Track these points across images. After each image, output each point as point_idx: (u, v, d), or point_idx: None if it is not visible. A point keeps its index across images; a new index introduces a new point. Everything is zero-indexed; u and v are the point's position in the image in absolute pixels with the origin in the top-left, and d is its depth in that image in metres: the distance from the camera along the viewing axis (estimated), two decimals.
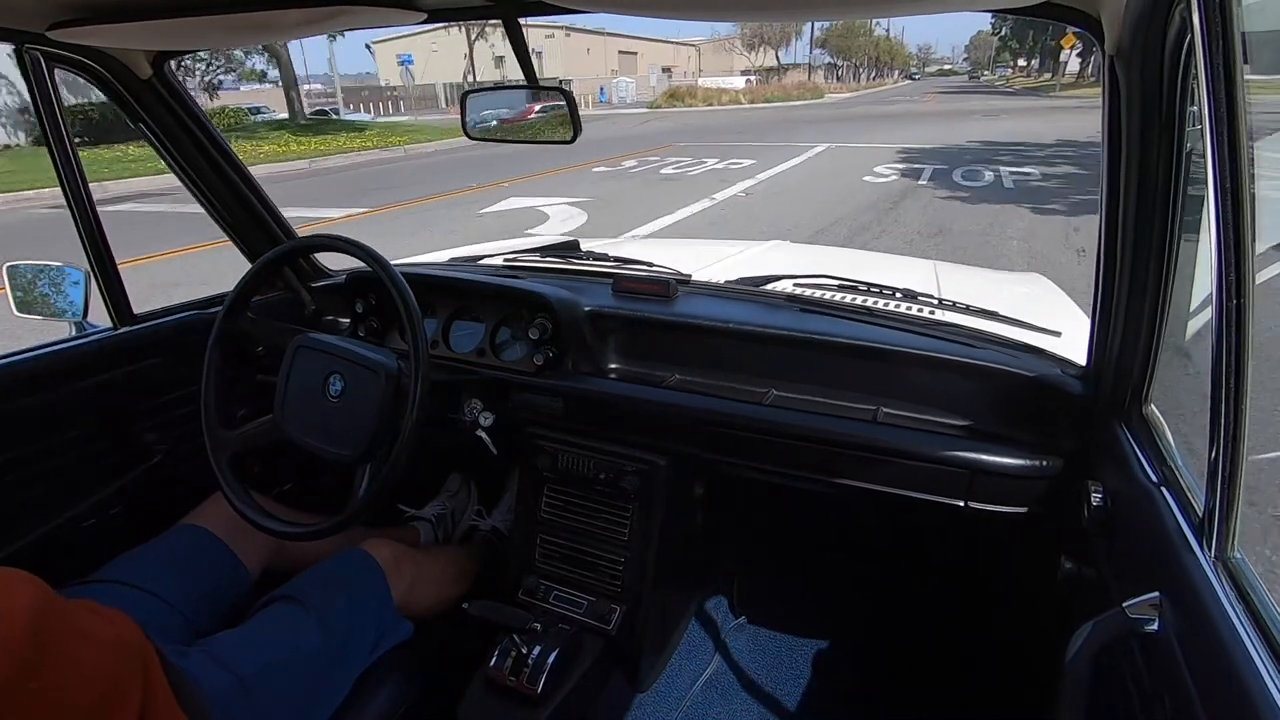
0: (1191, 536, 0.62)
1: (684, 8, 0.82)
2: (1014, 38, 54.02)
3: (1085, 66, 38.57)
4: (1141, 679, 0.63)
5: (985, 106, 25.03)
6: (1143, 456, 0.78)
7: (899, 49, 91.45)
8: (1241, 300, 0.52)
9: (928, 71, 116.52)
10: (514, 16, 0.94)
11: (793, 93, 36.67)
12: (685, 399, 1.21)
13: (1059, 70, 48.22)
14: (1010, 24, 51.00)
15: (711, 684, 1.42)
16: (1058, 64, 48.81)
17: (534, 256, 1.63)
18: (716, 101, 32.87)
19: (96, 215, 1.21)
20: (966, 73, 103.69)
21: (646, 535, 1.25)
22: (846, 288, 1.40)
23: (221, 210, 1.42)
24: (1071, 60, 35.59)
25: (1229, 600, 0.54)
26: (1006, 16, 47.67)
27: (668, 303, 1.33)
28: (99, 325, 1.29)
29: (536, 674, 1.08)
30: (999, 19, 51.14)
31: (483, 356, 1.34)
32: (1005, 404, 1.07)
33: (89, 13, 0.92)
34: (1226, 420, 0.54)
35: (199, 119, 1.32)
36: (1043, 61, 58.58)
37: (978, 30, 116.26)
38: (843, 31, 62.31)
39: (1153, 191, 0.77)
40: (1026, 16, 0.80)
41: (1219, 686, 0.50)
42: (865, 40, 66.90)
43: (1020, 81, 57.62)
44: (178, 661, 0.80)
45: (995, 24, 58.13)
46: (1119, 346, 0.87)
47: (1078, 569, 0.89)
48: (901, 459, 1.06)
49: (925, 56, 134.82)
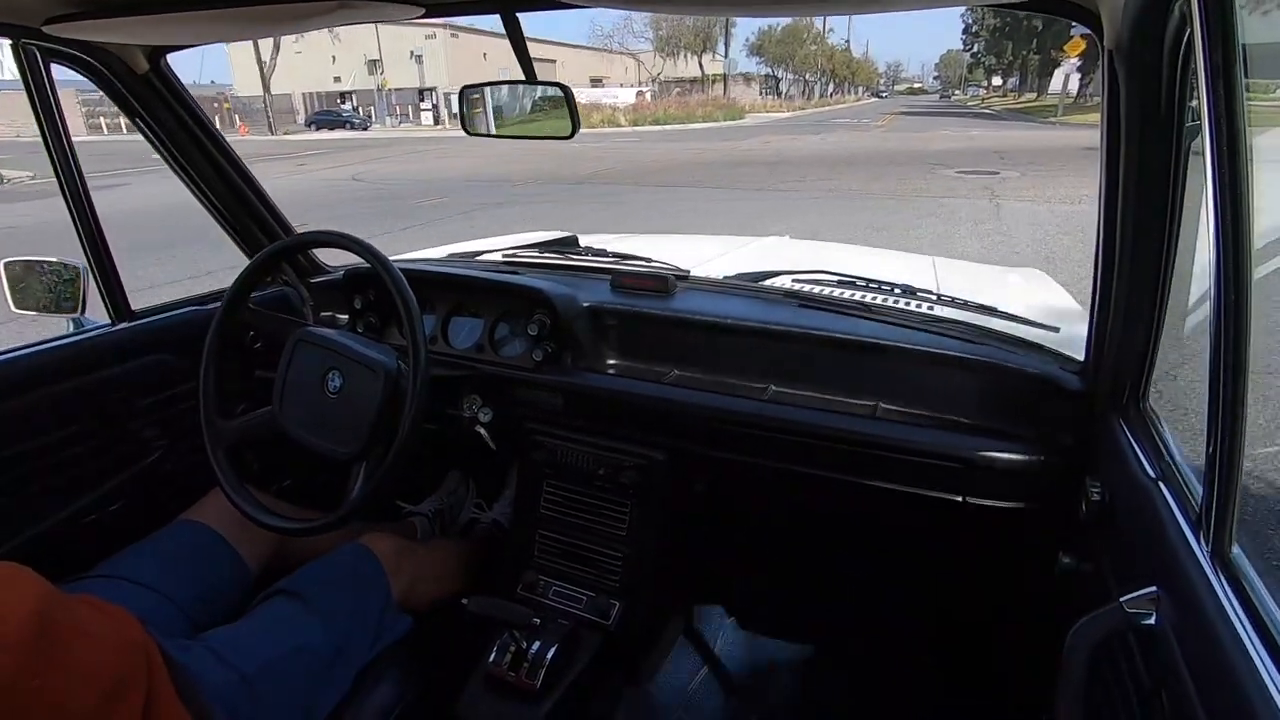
0: (1189, 531, 0.62)
1: (681, 2, 0.82)
2: (989, 54, 46.86)
3: (1086, 84, 28.30)
4: (1139, 673, 0.63)
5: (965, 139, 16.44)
6: (1141, 451, 0.78)
7: (863, 65, 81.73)
8: (1240, 295, 0.52)
9: (896, 90, 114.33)
10: (513, 11, 0.94)
11: (697, 111, 29.35)
12: (684, 394, 1.21)
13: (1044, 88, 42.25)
14: (984, 40, 45.83)
15: (710, 680, 1.42)
16: (1042, 82, 42.75)
17: (532, 252, 1.63)
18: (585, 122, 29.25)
19: (94, 210, 1.21)
20: (937, 92, 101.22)
21: (645, 530, 1.26)
22: (845, 283, 1.40)
23: (219, 206, 1.41)
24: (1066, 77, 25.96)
25: (1226, 595, 0.54)
26: (979, 33, 45.62)
27: (666, 298, 1.33)
28: (97, 321, 1.29)
29: (535, 669, 1.08)
30: (971, 35, 47.06)
31: (482, 352, 1.34)
32: (1003, 399, 1.07)
33: (85, 7, 0.91)
34: (1224, 415, 0.54)
35: (196, 115, 1.31)
36: (1024, 79, 51.29)
37: (948, 49, 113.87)
38: (783, 37, 50.72)
39: (1151, 186, 0.77)
40: (1027, 11, 0.80)
41: (1216, 681, 0.50)
42: (816, 50, 54.74)
43: (998, 102, 49.87)
44: (179, 657, 0.80)
45: (967, 40, 51.45)
46: (1117, 342, 0.87)
47: (1075, 564, 0.89)
48: (900, 454, 1.06)
49: (894, 74, 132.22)
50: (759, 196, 8.83)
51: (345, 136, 27.41)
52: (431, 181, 11.27)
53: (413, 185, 10.93)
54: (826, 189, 9.22)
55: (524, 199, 9.25)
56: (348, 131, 30.23)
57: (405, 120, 35.52)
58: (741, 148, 16.12)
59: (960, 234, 6.27)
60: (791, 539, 1.66)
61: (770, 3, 0.70)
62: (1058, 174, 9.53)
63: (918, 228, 6.56)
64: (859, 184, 9.51)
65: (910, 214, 7.26)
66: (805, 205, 8.13)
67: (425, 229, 7.19)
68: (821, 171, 10.95)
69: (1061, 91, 27.02)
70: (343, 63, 36.92)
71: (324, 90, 37.90)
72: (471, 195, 9.57)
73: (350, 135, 28.20)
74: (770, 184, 9.85)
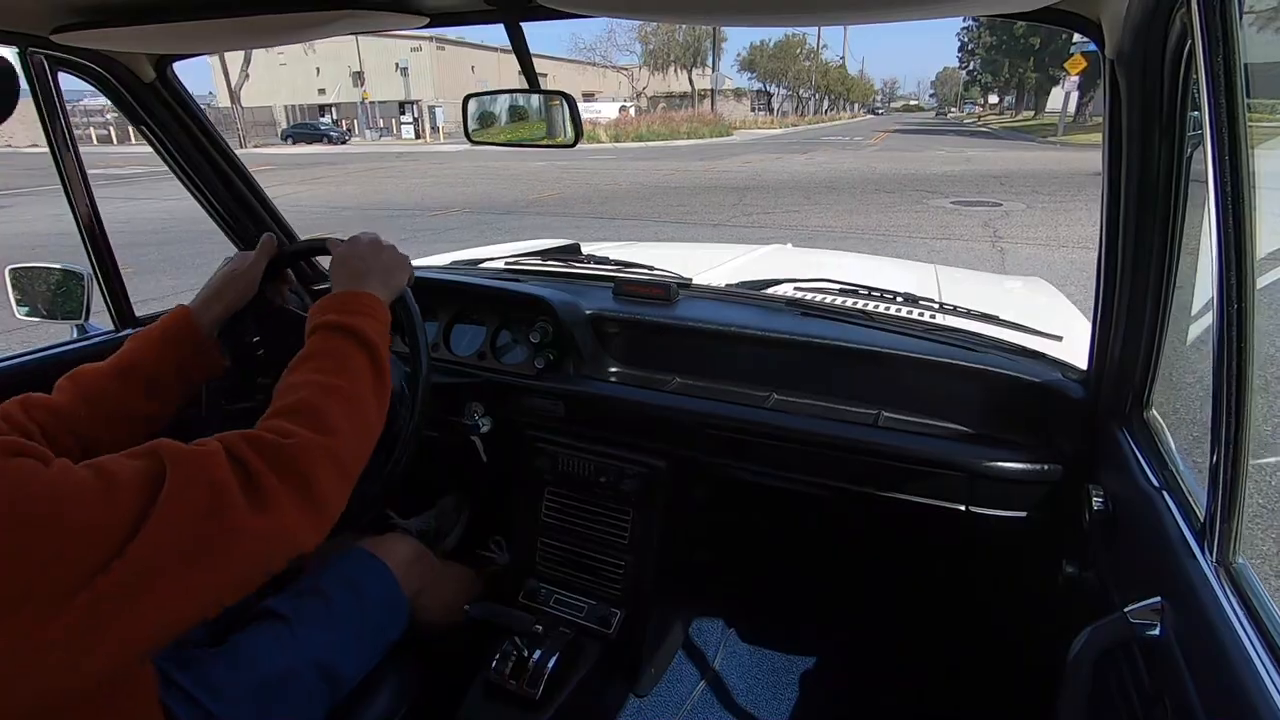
0: (1193, 541, 0.62)
1: (685, 11, 0.83)
2: (985, 72, 45.71)
3: (1085, 102, 26.39)
4: (1142, 684, 0.63)
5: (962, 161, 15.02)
6: (1144, 461, 0.78)
7: (858, 82, 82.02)
8: (1243, 304, 0.52)
9: (892, 107, 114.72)
10: (516, 21, 0.94)
11: (681, 128, 27.73)
12: (686, 402, 1.21)
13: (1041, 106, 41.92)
14: (980, 57, 45.10)
15: (711, 691, 1.41)
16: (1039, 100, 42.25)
17: (535, 259, 1.63)
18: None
19: (99, 217, 1.22)
20: (933, 109, 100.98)
21: (646, 539, 1.25)
22: (847, 292, 1.40)
23: (223, 212, 1.42)
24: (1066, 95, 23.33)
25: (1231, 605, 0.53)
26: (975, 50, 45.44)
27: (669, 306, 1.33)
28: (101, 327, 1.30)
29: (537, 678, 1.08)
30: (967, 53, 46.97)
31: (483, 359, 1.34)
32: (1006, 408, 1.07)
33: (93, 16, 0.92)
34: (1228, 425, 0.54)
35: (201, 122, 1.32)
36: (1020, 97, 50.53)
37: (944, 66, 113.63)
38: (775, 52, 49.99)
39: (1153, 195, 0.77)
40: (1028, 21, 0.81)
41: (1221, 692, 0.50)
42: (810, 66, 53.64)
43: (995, 120, 49.71)
44: (171, 672, 0.77)
45: (963, 58, 50.40)
46: (1120, 351, 0.87)
47: (1078, 573, 0.89)
48: (903, 463, 1.06)
49: (890, 92, 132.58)
50: (712, 232, 7.68)
51: (317, 151, 26.62)
52: (346, 208, 10.21)
53: (318, 214, 9.68)
54: (793, 226, 7.81)
55: (425, 232, 8.02)
56: (323, 146, 29.31)
57: (386, 134, 34.79)
58: (717, 168, 14.93)
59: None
60: (793, 548, 1.65)
61: (773, 12, 0.71)
62: (1068, 205, 8.50)
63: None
64: (835, 218, 8.17)
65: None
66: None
67: None
68: (795, 200, 9.79)
69: (1062, 110, 25.46)
70: (327, 75, 36.33)
71: (307, 102, 37.00)
72: (373, 225, 7.52)
73: (323, 150, 27.37)
74: (729, 217, 8.51)
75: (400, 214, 9.61)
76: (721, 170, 14.55)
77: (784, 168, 14.76)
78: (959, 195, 9.70)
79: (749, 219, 8.34)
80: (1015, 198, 9.32)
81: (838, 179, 12.29)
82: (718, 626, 1.55)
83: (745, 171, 14.11)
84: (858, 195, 10.06)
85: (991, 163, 14.61)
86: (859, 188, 10.93)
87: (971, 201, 9.11)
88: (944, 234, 7.05)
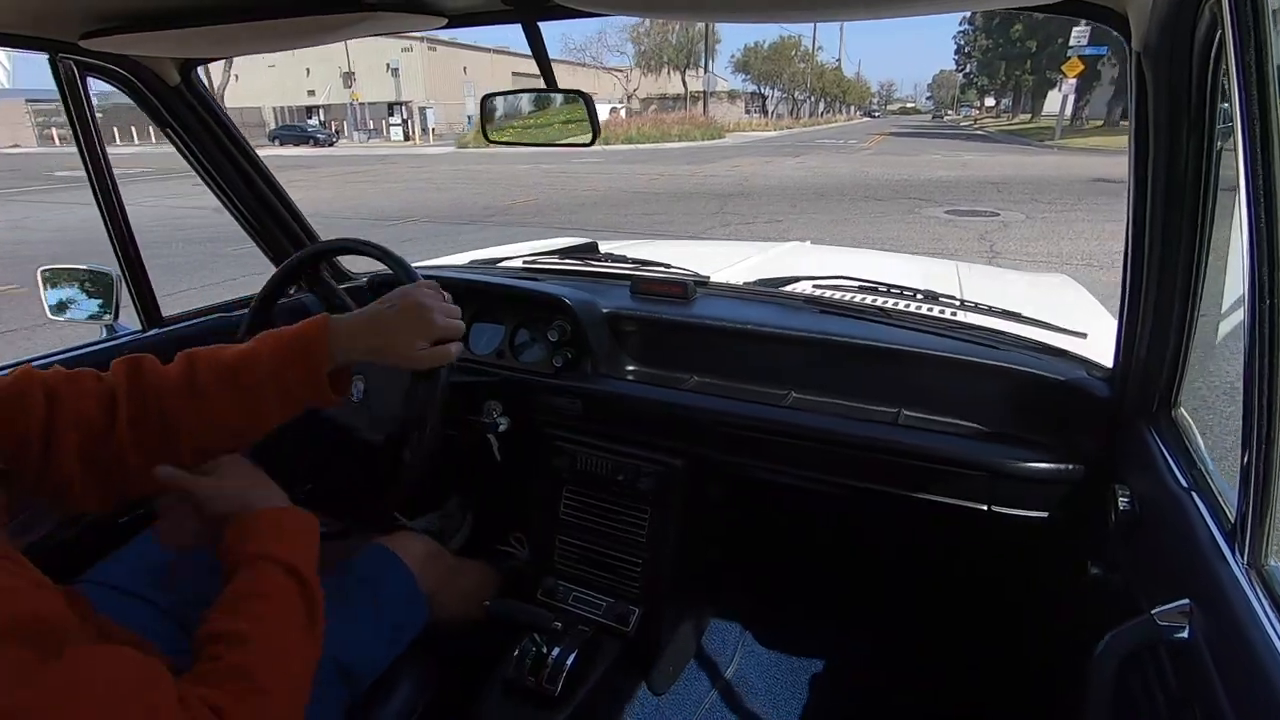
0: (1223, 543, 0.60)
1: (702, 8, 0.82)
2: (981, 75, 44.42)
3: (1081, 106, 26.86)
4: (1169, 687, 0.62)
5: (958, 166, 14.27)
6: (1172, 460, 0.76)
7: (854, 84, 79.67)
8: (1274, 300, 0.51)
9: (889, 110, 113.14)
10: (534, 21, 0.94)
11: (672, 130, 27.18)
12: (704, 400, 1.21)
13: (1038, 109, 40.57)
14: (976, 60, 43.76)
15: (729, 691, 1.41)
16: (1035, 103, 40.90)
17: (553, 259, 1.64)
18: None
19: (127, 218, 1.24)
20: (930, 112, 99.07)
21: (664, 537, 1.25)
22: (866, 289, 1.39)
23: (247, 214, 1.44)
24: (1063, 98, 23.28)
25: (1263, 608, 0.52)
26: (971, 53, 44.25)
27: (686, 304, 1.33)
28: (129, 327, 1.32)
29: (555, 675, 1.08)
30: (964, 55, 45.86)
31: (502, 358, 1.35)
32: (1029, 407, 1.06)
33: (121, 22, 0.94)
34: (1260, 423, 0.53)
35: (225, 124, 1.34)
36: (1017, 100, 49.63)
37: (940, 69, 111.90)
38: (769, 54, 48.71)
39: (1181, 190, 0.75)
40: (1052, 14, 0.79)
41: (1253, 696, 0.49)
42: (805, 68, 51.80)
43: (991, 123, 47.79)
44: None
45: (959, 61, 48.98)
46: (1147, 348, 0.85)
47: (1104, 574, 0.87)
48: (923, 462, 1.05)
49: (887, 94, 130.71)
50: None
51: (300, 154, 25.74)
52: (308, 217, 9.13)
53: None
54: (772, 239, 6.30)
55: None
56: (310, 148, 28.56)
57: (375, 135, 34.03)
58: (703, 173, 14.27)
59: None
60: (811, 547, 1.65)
61: (794, 8, 0.70)
62: (1069, 215, 8.03)
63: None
64: (819, 229, 7.53)
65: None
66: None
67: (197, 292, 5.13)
68: (780, 208, 9.16)
69: (1059, 113, 24.81)
70: (317, 75, 35.71)
71: (297, 104, 36.43)
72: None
73: (306, 152, 26.62)
74: (706, 229, 7.89)
75: (364, 223, 8.82)
76: (708, 175, 13.96)
77: (773, 172, 14.22)
78: (954, 204, 9.20)
79: (726, 230, 7.81)
80: (1013, 206, 8.80)
81: (827, 185, 11.73)
82: (735, 625, 1.55)
83: (732, 177, 13.51)
84: (847, 203, 9.60)
85: (989, 168, 13.98)
86: (849, 195, 10.41)
87: (967, 211, 8.61)
88: (937, 248, 6.51)
